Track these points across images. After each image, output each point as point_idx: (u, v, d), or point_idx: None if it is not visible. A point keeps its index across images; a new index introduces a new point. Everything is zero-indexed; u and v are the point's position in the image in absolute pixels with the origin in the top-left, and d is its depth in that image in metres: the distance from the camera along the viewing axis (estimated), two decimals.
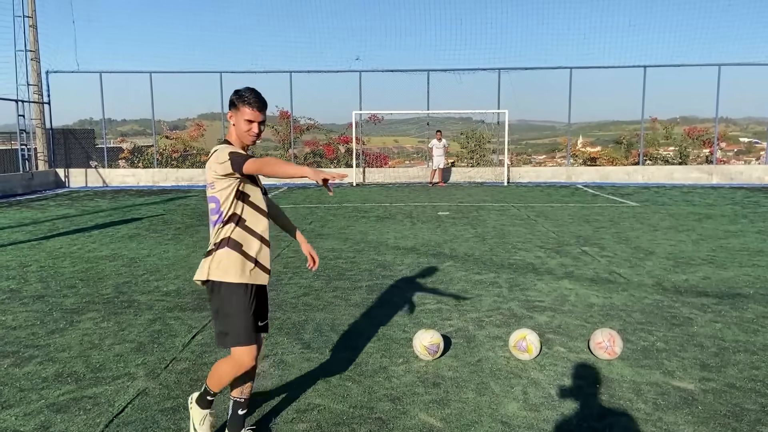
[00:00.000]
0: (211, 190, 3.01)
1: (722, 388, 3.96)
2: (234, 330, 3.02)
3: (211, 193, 3.02)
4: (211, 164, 2.95)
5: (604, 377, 4.14)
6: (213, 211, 3.04)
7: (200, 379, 4.11)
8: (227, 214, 3.01)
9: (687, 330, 5.10)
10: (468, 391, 3.95)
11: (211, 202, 3.04)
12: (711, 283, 6.68)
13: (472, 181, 21.35)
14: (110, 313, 5.66)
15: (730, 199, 15.24)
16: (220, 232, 3.02)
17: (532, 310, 5.70)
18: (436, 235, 9.93)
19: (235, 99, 3.06)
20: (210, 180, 3.00)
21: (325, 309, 5.75)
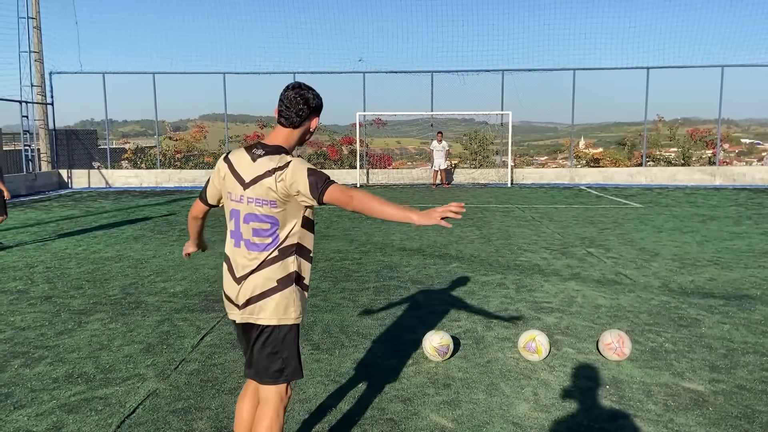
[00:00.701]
0: (271, 208, 2.55)
1: (732, 389, 3.96)
2: (293, 364, 2.72)
3: (267, 212, 2.56)
4: (283, 175, 2.50)
5: (613, 378, 4.15)
6: (260, 234, 2.58)
7: (210, 380, 4.12)
8: (290, 243, 2.61)
9: (695, 331, 5.10)
10: (478, 392, 3.95)
11: (265, 221, 2.57)
12: (717, 284, 6.68)
13: (475, 182, 21.36)
14: (118, 314, 5.67)
15: (734, 201, 15.23)
16: (283, 266, 2.59)
17: (540, 311, 5.71)
18: (442, 237, 9.94)
19: (322, 104, 2.68)
20: (270, 197, 2.53)
21: (333, 310, 5.76)
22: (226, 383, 4.08)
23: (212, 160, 22.41)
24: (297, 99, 2.58)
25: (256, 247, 2.59)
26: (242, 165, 2.61)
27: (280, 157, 2.55)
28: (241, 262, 2.63)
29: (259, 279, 2.59)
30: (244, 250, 2.61)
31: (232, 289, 2.66)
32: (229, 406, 3.74)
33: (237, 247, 2.64)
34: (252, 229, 2.58)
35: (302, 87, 2.62)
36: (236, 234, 2.64)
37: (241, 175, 2.60)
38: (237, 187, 2.61)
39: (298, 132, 2.64)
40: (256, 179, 2.54)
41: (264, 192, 2.53)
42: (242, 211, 2.60)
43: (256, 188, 2.54)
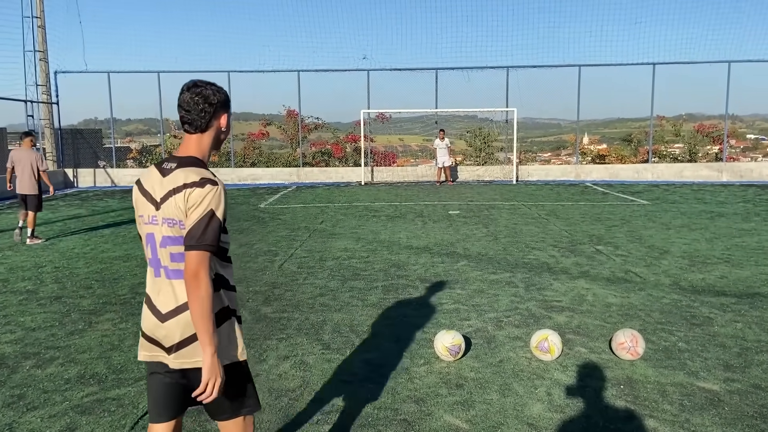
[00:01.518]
0: (180, 229, 2.19)
1: (747, 388, 3.93)
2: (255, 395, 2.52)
3: (179, 233, 2.20)
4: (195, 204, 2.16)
5: (627, 378, 4.12)
6: (177, 258, 2.23)
7: None
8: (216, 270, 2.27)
9: (708, 330, 5.07)
10: (491, 392, 3.93)
11: (180, 245, 2.20)
12: (728, 282, 6.64)
13: (480, 179, 21.31)
14: (128, 314, 5.67)
15: (742, 197, 15.15)
16: (218, 297, 2.27)
17: (550, 310, 5.68)
18: (449, 235, 9.91)
19: (227, 98, 2.40)
20: (179, 217, 2.19)
21: (343, 309, 5.74)
22: None
23: (217, 158, 22.41)
24: (196, 99, 2.28)
25: (177, 275, 2.23)
26: (152, 182, 2.29)
27: (198, 172, 2.22)
28: (164, 297, 2.27)
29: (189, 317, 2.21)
30: (165, 279, 2.26)
31: (157, 329, 2.28)
32: None
33: (157, 276, 2.28)
34: (170, 254, 2.24)
35: (198, 85, 2.31)
36: (154, 261, 2.29)
37: (151, 194, 2.27)
38: (149, 207, 2.27)
39: (209, 135, 2.34)
40: (166, 196, 2.21)
41: (171, 210, 2.20)
42: (157, 234, 2.25)
43: (165, 207, 2.22)
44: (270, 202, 15.19)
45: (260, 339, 4.94)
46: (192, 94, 2.28)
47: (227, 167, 21.73)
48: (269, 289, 6.50)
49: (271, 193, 17.75)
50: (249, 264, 7.80)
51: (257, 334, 5.06)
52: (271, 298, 6.15)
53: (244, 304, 5.92)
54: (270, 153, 23.55)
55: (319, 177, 21.41)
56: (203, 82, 2.33)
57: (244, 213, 13.14)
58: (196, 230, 2.13)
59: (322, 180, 21.32)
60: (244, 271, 7.37)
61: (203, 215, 2.14)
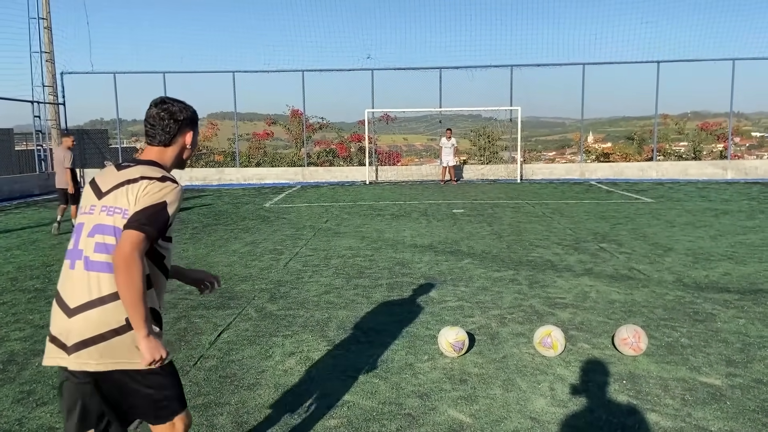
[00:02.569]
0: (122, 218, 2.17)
1: (749, 383, 3.95)
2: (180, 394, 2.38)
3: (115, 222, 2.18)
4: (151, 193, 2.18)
5: (630, 373, 4.15)
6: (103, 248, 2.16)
7: (229, 376, 4.17)
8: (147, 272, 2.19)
9: (710, 326, 5.09)
10: (495, 387, 3.97)
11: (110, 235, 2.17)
12: (732, 279, 6.65)
13: (485, 178, 21.33)
14: None
15: (746, 195, 15.13)
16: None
17: (554, 307, 5.71)
18: (453, 233, 9.95)
19: (194, 116, 2.45)
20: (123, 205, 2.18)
21: (347, 307, 5.79)
22: (245, 379, 4.12)
23: (222, 158, 22.50)
24: (161, 115, 2.33)
25: (97, 266, 2.15)
26: (104, 177, 2.31)
27: (159, 171, 2.27)
28: (76, 290, 2.16)
29: (101, 314, 2.13)
30: (82, 271, 2.16)
31: (63, 325, 2.16)
32: (249, 401, 3.78)
33: (72, 268, 2.19)
34: (95, 243, 2.17)
35: (166, 101, 2.37)
36: (73, 252, 2.21)
37: (99, 186, 2.28)
38: (91, 197, 2.27)
39: (172, 150, 2.37)
40: (117, 186, 2.22)
41: (118, 199, 2.19)
42: (88, 223, 2.21)
43: (111, 196, 2.21)
44: (275, 202, 15.25)
45: (266, 336, 4.99)
46: (159, 109, 2.34)
47: (232, 167, 21.82)
48: (275, 287, 6.55)
49: (276, 192, 17.82)
50: (254, 262, 7.86)
51: (263, 331, 5.11)
52: (277, 296, 6.20)
53: (251, 302, 5.98)
54: (275, 153, 23.62)
55: (323, 176, 21.47)
56: (171, 99, 2.38)
57: (249, 212, 13.21)
58: (142, 214, 2.12)
59: (326, 179, 21.38)
60: (250, 270, 7.43)
61: (155, 203, 2.15)
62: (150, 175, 2.22)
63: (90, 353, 2.13)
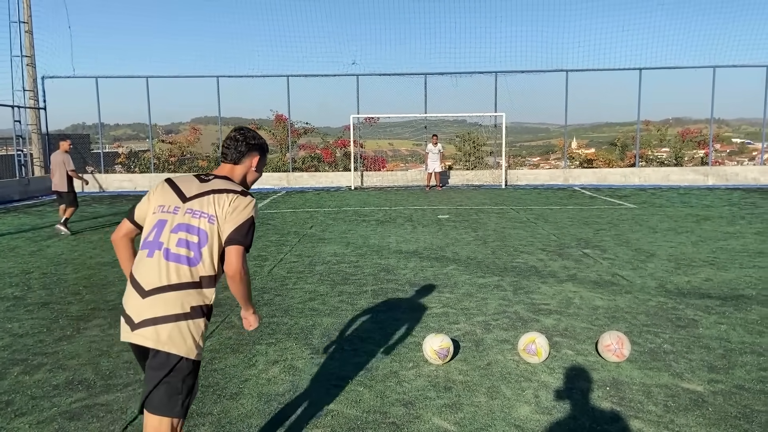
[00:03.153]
0: (208, 222, 2.50)
1: (731, 389, 3.99)
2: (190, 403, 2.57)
3: (207, 227, 2.50)
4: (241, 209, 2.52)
5: (613, 380, 4.17)
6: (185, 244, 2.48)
7: (211, 386, 4.12)
8: (216, 273, 2.53)
9: (693, 332, 5.14)
10: (480, 394, 3.97)
11: (194, 234, 2.49)
12: (713, 284, 6.73)
13: (470, 184, 21.41)
14: (116, 320, 5.65)
15: (727, 201, 15.33)
16: (204, 294, 2.50)
17: (538, 313, 5.73)
18: (438, 239, 9.96)
19: (264, 145, 2.83)
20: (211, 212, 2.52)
21: (332, 314, 5.76)
22: (228, 388, 4.08)
23: (207, 164, 22.35)
24: (237, 138, 2.73)
25: (175, 257, 2.45)
26: (187, 183, 2.62)
27: (237, 185, 2.64)
28: (152, 275, 2.44)
29: (171, 298, 2.41)
30: (161, 260, 2.45)
31: (135, 304, 2.46)
32: (231, 411, 3.74)
33: (150, 257, 2.47)
34: (178, 239, 2.47)
35: (244, 129, 2.78)
36: (153, 244, 2.49)
37: (182, 191, 2.59)
38: (174, 199, 2.57)
39: (240, 168, 2.74)
40: (202, 194, 2.56)
41: (204, 205, 2.53)
42: (172, 220, 2.51)
43: (197, 202, 2.54)
44: (259, 207, 15.16)
45: (249, 344, 4.94)
46: (236, 133, 2.76)
47: None
48: (258, 294, 6.50)
49: (261, 198, 17.73)
50: None
51: (246, 339, 5.07)
52: (261, 303, 6.16)
53: (233, 309, 5.93)
54: None
55: (308, 182, 21.40)
56: (249, 130, 2.80)
57: None
58: (239, 230, 2.49)
59: (311, 185, 21.33)
60: None
61: (246, 220, 2.52)
62: (233, 189, 2.59)
63: (153, 331, 2.41)
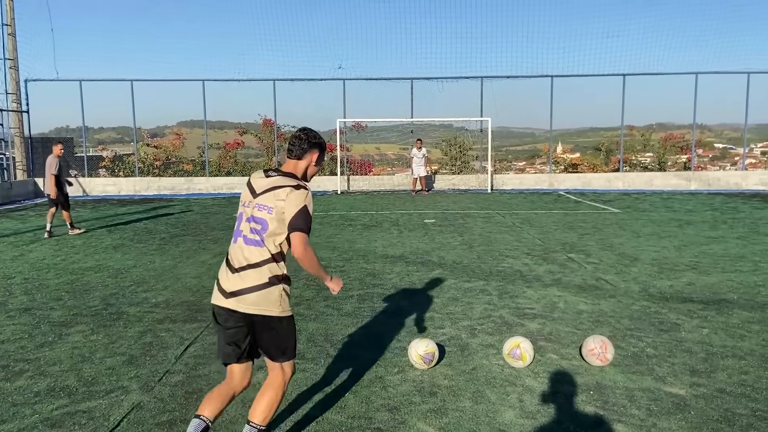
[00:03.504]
0: (266, 213, 3.04)
1: (713, 393, 4.04)
2: (294, 346, 3.22)
3: (267, 217, 3.04)
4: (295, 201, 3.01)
5: (597, 384, 4.20)
6: (253, 233, 3.07)
7: (195, 392, 4.09)
8: (281, 251, 3.10)
9: (675, 336, 5.19)
10: (464, 399, 3.98)
11: (260, 223, 3.06)
12: (696, 288, 6.80)
13: (455, 188, 21.48)
14: (99, 326, 5.60)
15: (709, 205, 15.52)
16: (275, 267, 3.07)
17: (523, 318, 5.76)
18: (424, 243, 9.97)
19: (323, 143, 3.28)
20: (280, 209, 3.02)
21: (318, 319, 5.75)
22: None
23: (191, 167, 22.22)
24: (301, 137, 3.20)
25: (251, 242, 3.07)
26: (257, 180, 3.18)
27: (294, 180, 3.11)
28: (237, 257, 3.09)
29: (252, 274, 3.03)
30: (243, 244, 3.09)
31: (227, 278, 3.10)
32: None
33: (235, 243, 3.15)
34: (250, 228, 3.09)
35: (307, 130, 3.23)
36: (237, 232, 3.16)
37: (254, 188, 3.15)
38: (248, 195, 3.16)
39: (303, 163, 3.20)
40: (266, 190, 3.09)
41: (267, 199, 3.06)
42: (246, 213, 3.13)
43: (263, 197, 3.08)
44: None
45: None
46: (299, 132, 3.22)
47: (201, 176, 21.55)
48: None
49: None
50: None
51: None
52: None
53: None
54: (246, 162, 23.42)
55: None
56: (310, 129, 3.25)
57: (219, 222, 13.04)
58: (296, 219, 3.00)
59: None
60: None
61: (300, 209, 3.01)
62: (289, 184, 3.06)
63: (242, 299, 3.02)
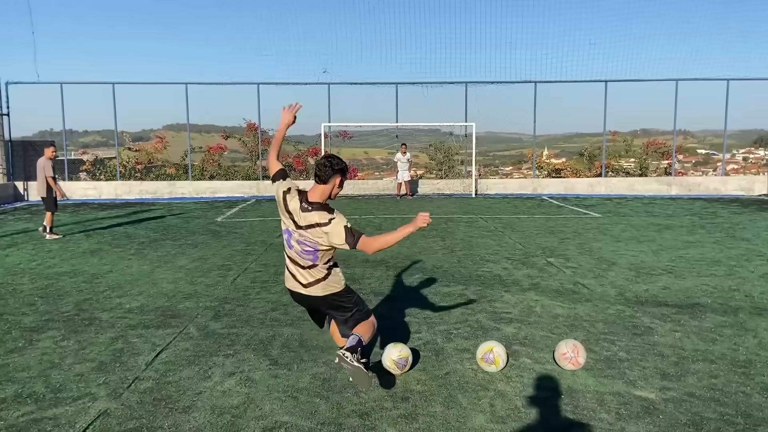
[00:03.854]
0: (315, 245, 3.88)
1: (682, 397, 4.06)
2: (365, 305, 4.25)
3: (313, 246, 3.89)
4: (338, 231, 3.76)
5: (568, 388, 4.21)
6: (307, 253, 3.94)
7: (164, 399, 4.04)
8: (329, 260, 4.02)
9: (648, 339, 5.22)
10: (436, 404, 3.97)
11: (309, 248, 3.91)
12: (671, 293, 6.86)
13: (440, 192, 21.52)
14: (71, 332, 5.52)
15: (689, 210, 15.68)
16: (324, 268, 3.99)
17: (499, 322, 5.76)
18: (406, 248, 9.96)
19: (345, 168, 3.94)
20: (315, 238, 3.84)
21: (293, 324, 5.71)
22: (180, 401, 4.00)
23: (174, 171, 22.06)
24: (325, 163, 3.87)
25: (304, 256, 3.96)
26: (296, 211, 3.91)
27: (326, 215, 3.83)
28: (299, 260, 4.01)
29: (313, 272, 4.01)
30: (295, 255, 4.00)
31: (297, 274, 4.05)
32: (183, 425, 3.67)
33: (290, 248, 4.03)
34: (302, 249, 3.94)
35: (331, 157, 3.90)
36: (289, 242, 4.02)
37: (294, 218, 3.91)
38: (292, 224, 3.94)
39: (329, 186, 3.91)
40: (308, 227, 3.85)
41: (313, 235, 3.85)
42: (292, 237, 3.96)
43: (308, 232, 3.86)
44: (228, 216, 15.00)
45: (206, 355, 4.86)
46: (324, 160, 3.89)
47: (184, 180, 21.40)
48: (220, 305, 6.42)
49: (230, 206, 17.55)
50: (201, 279, 7.69)
51: (204, 350, 4.98)
52: (221, 314, 6.07)
53: (193, 320, 5.84)
54: (230, 166, 23.29)
55: None
56: (334, 156, 3.93)
57: (200, 227, 12.95)
58: (349, 237, 3.77)
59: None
60: (195, 286, 7.26)
61: (346, 231, 3.78)
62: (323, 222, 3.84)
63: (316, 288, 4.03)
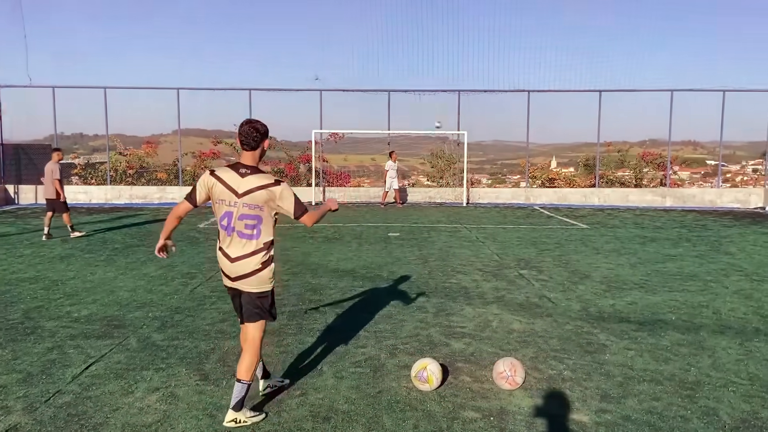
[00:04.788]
0: (259, 211, 3.70)
1: (617, 420, 3.88)
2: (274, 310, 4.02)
3: (256, 212, 3.70)
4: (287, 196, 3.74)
5: (501, 409, 4.04)
6: (249, 227, 3.73)
7: (78, 414, 3.89)
8: (270, 238, 3.81)
9: (598, 358, 5.04)
10: (358, 426, 3.80)
11: (253, 219, 3.71)
12: (636, 308, 6.66)
13: (432, 201, 21.35)
14: (9, 340, 5.39)
15: (680, 222, 15.46)
16: (267, 254, 3.81)
17: (450, 337, 5.59)
18: (380, 257, 9.81)
19: (267, 130, 3.85)
20: (261, 203, 3.69)
21: (237, 337, 5.54)
22: (93, 418, 3.85)
23: (166, 176, 21.99)
24: (251, 130, 3.74)
25: (245, 236, 3.73)
26: (231, 179, 3.71)
27: (268, 176, 3.74)
28: (233, 248, 3.76)
29: (250, 262, 3.75)
30: (237, 238, 3.74)
31: (228, 267, 3.79)
32: None
33: (229, 235, 3.76)
34: (245, 224, 3.71)
35: (252, 121, 3.77)
36: (228, 228, 3.75)
37: (232, 187, 3.70)
38: (230, 196, 3.70)
39: (258, 152, 3.80)
40: (251, 190, 3.67)
41: (256, 199, 3.67)
42: (235, 212, 3.70)
43: (249, 197, 3.67)
44: (211, 222, 14.87)
45: (137, 369, 4.71)
46: (249, 127, 3.75)
47: (175, 185, 21.32)
48: (169, 315, 6.27)
49: None
50: (161, 287, 7.55)
51: (136, 363, 4.83)
52: (168, 325, 5.93)
53: (136, 331, 5.69)
54: None
55: None
56: (255, 120, 3.78)
57: (179, 233, 12.82)
58: (297, 207, 3.79)
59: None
60: (152, 295, 7.12)
61: (294, 199, 3.78)
62: (269, 182, 3.73)
63: (241, 283, 3.81)
